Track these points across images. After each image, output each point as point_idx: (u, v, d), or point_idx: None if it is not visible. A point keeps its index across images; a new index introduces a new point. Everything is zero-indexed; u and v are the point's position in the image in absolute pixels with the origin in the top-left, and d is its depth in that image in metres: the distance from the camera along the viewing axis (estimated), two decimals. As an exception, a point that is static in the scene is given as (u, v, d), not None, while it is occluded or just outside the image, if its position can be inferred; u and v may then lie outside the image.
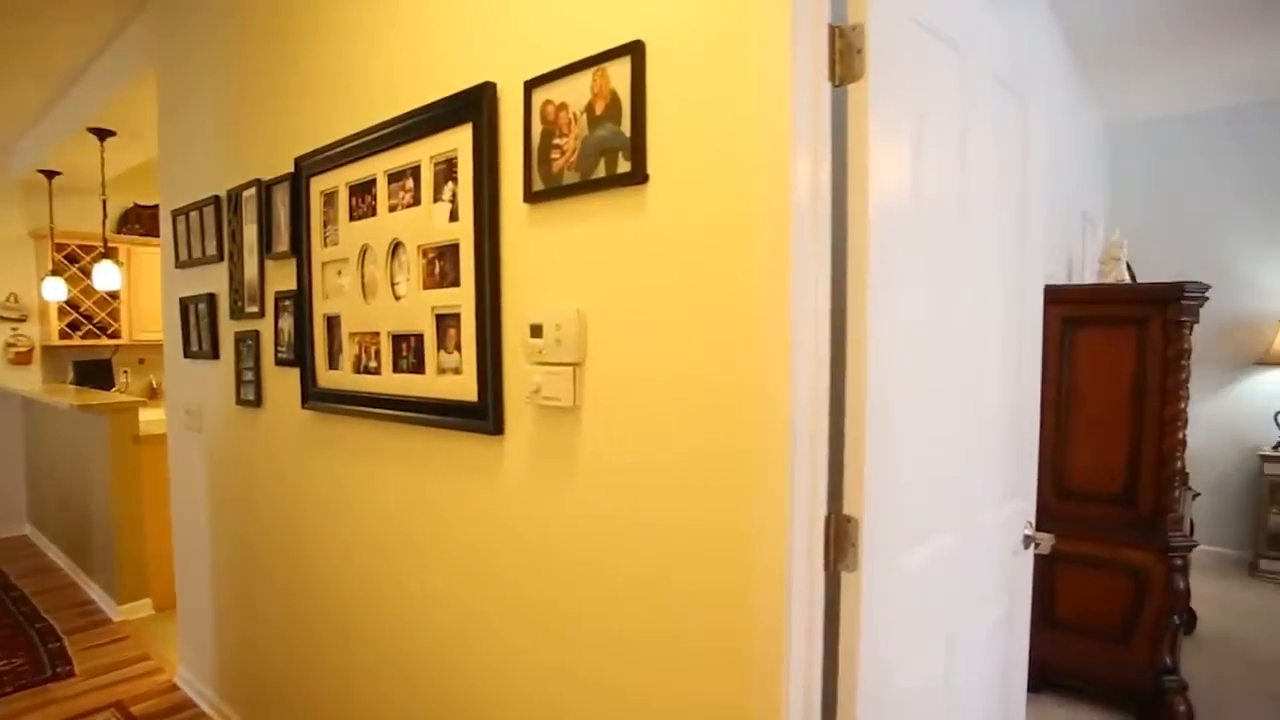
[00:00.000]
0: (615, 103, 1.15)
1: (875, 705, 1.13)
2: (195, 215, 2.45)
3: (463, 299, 1.46)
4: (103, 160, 4.07)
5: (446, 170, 1.48)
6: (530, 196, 1.30)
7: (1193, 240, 4.41)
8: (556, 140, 1.24)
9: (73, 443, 4.00)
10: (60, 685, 2.77)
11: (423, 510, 1.62)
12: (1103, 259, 3.11)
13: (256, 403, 2.20)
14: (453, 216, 1.47)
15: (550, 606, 1.33)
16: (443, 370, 1.53)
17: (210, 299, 2.42)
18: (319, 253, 1.89)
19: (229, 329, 2.34)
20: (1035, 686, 2.70)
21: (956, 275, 1.31)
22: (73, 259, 5.07)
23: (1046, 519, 2.67)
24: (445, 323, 1.52)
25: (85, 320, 5.14)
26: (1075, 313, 2.67)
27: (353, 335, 1.80)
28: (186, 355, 2.59)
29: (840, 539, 1.07)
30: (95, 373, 5.25)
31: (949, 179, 1.28)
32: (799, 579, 1.02)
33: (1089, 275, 3.68)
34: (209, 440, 2.51)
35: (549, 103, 1.25)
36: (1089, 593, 2.63)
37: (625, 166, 1.14)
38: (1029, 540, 1.62)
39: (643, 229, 1.15)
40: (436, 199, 1.51)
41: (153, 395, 5.40)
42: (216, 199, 2.33)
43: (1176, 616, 2.48)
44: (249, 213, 2.17)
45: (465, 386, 1.47)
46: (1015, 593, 1.64)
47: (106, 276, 4.28)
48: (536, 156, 1.28)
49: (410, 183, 1.58)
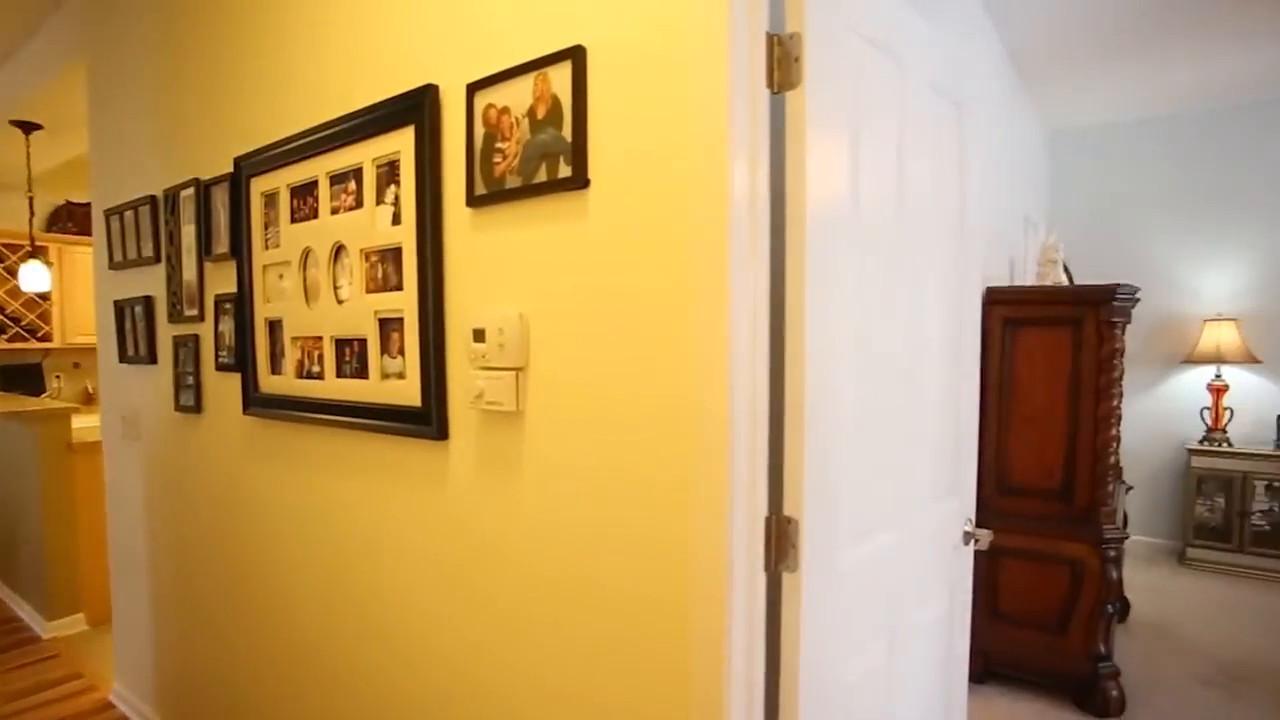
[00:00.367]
0: (557, 107, 1.15)
1: (818, 703, 1.15)
2: (130, 215, 2.36)
3: (406, 303, 1.44)
4: (28, 155, 3.88)
5: (389, 173, 1.46)
6: (473, 200, 1.29)
7: (1128, 244, 4.61)
8: (499, 144, 1.24)
9: (-1, 453, 3.82)
10: (-20, 710, 2.63)
11: (369, 517, 1.59)
12: (1040, 261, 3.21)
13: (196, 409, 2.14)
14: (395, 220, 1.45)
15: (509, 610, 1.32)
16: (386, 375, 1.51)
17: (147, 301, 2.33)
18: (260, 255, 1.84)
19: (167, 333, 2.26)
20: (979, 677, 2.79)
21: (895, 277, 1.34)
22: (-2, 258, 4.86)
23: (989, 515, 2.76)
24: (389, 327, 1.50)
25: (12, 323, 4.92)
26: (1015, 313, 2.75)
27: (295, 339, 1.76)
28: (122, 360, 2.49)
29: (781, 540, 1.09)
30: (23, 378, 5.03)
31: (887, 183, 1.31)
32: (740, 580, 1.03)
33: (1031, 277, 3.80)
34: (147, 448, 2.42)
35: (491, 106, 1.24)
36: (1029, 585, 2.72)
37: (566, 171, 1.14)
38: (968, 537, 1.66)
39: (584, 233, 1.15)
40: (379, 202, 1.49)
41: (88, 401, 5.19)
42: (153, 198, 2.25)
43: (1110, 605, 2.58)
44: (187, 213, 2.11)
45: (409, 392, 1.45)
46: (956, 588, 1.68)
47: (34, 277, 4.10)
48: (479, 160, 1.27)
49: (353, 185, 1.55)
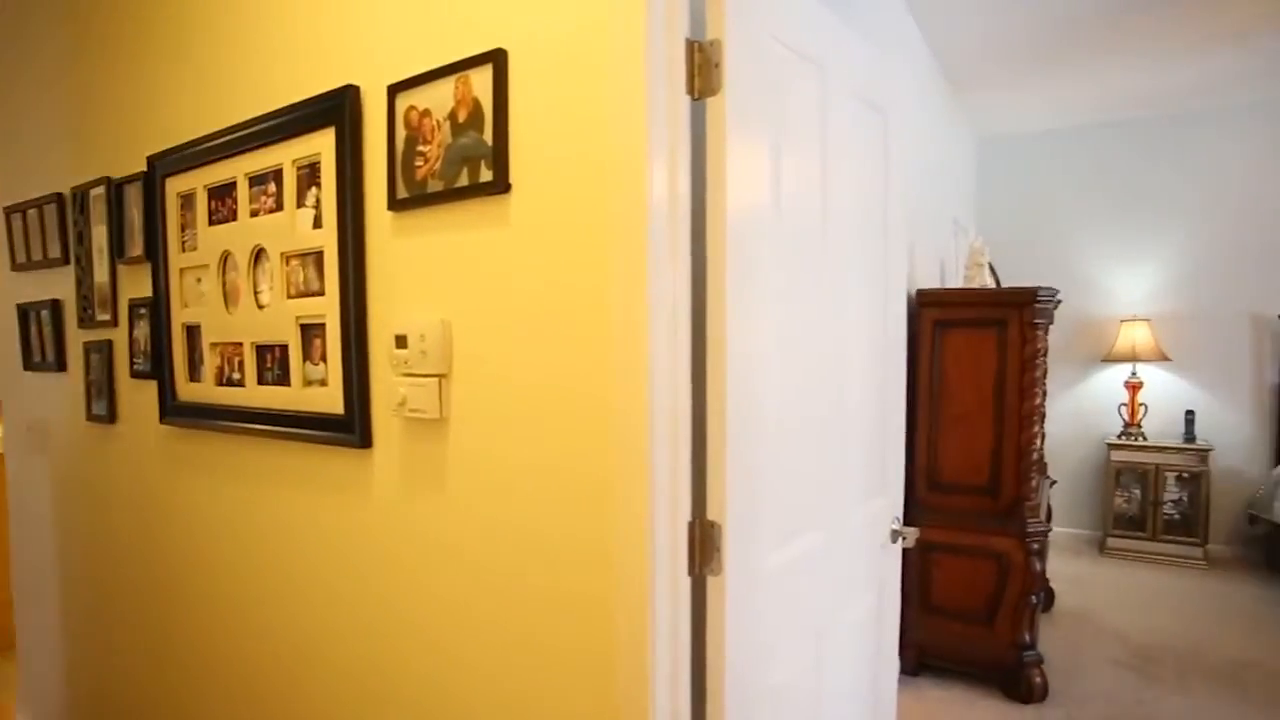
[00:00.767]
0: (478, 111, 1.13)
1: (745, 703, 1.16)
2: (34, 213, 2.23)
3: (328, 308, 1.40)
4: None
5: (309, 175, 1.42)
6: (395, 204, 1.26)
7: (1051, 248, 4.81)
8: (420, 147, 1.21)
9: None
10: None
11: (291, 528, 1.54)
12: (968, 264, 3.32)
13: (110, 418, 2.03)
14: (316, 223, 1.41)
15: (435, 618, 1.29)
16: (309, 382, 1.46)
17: (55, 305, 2.21)
18: (176, 258, 1.77)
19: (77, 338, 2.15)
20: (913, 669, 2.87)
21: (818, 280, 1.36)
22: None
23: (921, 511, 2.84)
24: (310, 333, 1.45)
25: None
26: (944, 315, 2.84)
27: (214, 345, 1.69)
28: (27, 367, 2.36)
29: (705, 543, 1.09)
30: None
31: (810, 188, 1.33)
32: (662, 584, 1.03)
33: (959, 280, 3.93)
34: (56, 460, 2.29)
35: (413, 109, 1.22)
36: (959, 579, 2.81)
37: (488, 175, 1.12)
38: (896, 535, 1.70)
39: (506, 238, 1.13)
40: (300, 204, 1.44)
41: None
42: (59, 196, 2.13)
43: (1034, 596, 2.69)
44: (97, 213, 2.00)
45: (332, 399, 1.41)
46: (884, 586, 1.72)
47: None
48: (401, 163, 1.24)
49: (272, 187, 1.50)
